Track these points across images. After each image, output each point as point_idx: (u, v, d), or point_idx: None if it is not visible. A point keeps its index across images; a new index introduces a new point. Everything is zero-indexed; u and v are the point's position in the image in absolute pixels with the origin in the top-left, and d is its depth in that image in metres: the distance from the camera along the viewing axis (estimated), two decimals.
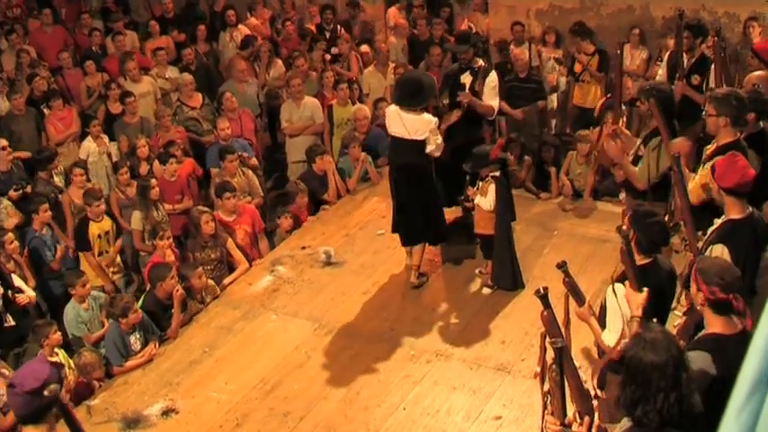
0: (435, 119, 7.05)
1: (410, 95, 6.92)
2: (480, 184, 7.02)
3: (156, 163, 8.90)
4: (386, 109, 7.64)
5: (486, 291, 7.21)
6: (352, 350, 6.62)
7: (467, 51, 7.73)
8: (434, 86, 7.38)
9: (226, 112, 9.69)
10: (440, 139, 7.05)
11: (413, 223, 7.25)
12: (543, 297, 4.08)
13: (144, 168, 8.97)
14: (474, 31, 10.11)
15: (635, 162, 6.26)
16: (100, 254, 8.14)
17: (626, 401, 3.44)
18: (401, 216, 7.29)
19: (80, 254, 8.21)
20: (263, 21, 12.66)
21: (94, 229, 8.09)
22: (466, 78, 7.70)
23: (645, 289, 4.27)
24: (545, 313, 4.08)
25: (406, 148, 6.99)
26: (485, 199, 6.96)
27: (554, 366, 3.88)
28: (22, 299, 7.22)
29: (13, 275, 7.30)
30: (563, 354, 3.85)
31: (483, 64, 7.89)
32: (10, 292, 7.12)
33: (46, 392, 4.80)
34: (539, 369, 4.40)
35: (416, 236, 7.33)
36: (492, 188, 6.91)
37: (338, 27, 12.19)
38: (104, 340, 6.80)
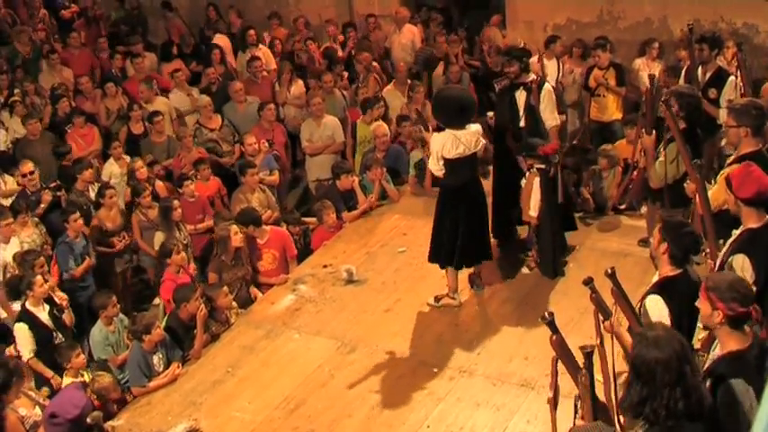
0: (479, 125, 7.09)
1: (458, 113, 6.83)
2: (527, 174, 7.23)
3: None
4: (431, 137, 7.53)
5: (525, 270, 7.55)
6: (375, 368, 6.61)
7: (512, 65, 7.53)
8: (473, 98, 7.44)
9: (263, 121, 9.77)
10: None
11: (471, 245, 7.10)
12: (550, 323, 4.02)
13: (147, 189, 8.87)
14: (522, 44, 9.74)
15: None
16: None
17: (632, 401, 3.48)
18: (464, 240, 7.02)
19: None
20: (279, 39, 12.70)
21: None
22: (520, 95, 7.53)
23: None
24: (554, 338, 4.04)
25: (467, 166, 6.92)
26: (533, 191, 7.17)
27: (584, 371, 3.87)
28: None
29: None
30: (592, 359, 3.87)
31: (536, 77, 7.77)
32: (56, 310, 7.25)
33: (89, 420, 4.84)
34: (551, 394, 4.35)
35: (470, 258, 7.23)
36: (536, 180, 7.06)
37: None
38: (128, 361, 6.84)
